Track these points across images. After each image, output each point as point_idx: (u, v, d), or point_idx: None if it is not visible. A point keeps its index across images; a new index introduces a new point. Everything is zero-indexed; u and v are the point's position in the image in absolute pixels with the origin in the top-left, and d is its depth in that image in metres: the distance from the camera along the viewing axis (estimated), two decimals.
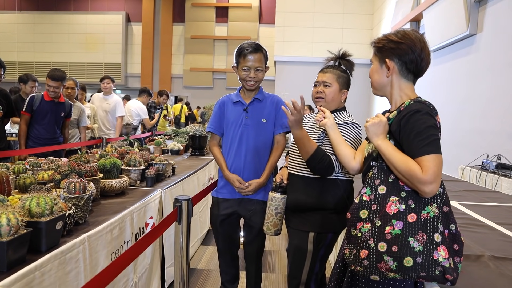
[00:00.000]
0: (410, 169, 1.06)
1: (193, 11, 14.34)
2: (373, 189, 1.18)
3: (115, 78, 5.42)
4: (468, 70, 5.08)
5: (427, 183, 1.03)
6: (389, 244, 1.06)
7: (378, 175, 1.19)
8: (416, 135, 1.09)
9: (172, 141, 4.10)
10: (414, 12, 6.63)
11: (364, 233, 1.13)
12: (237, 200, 1.97)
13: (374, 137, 1.19)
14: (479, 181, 3.57)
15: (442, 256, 1.02)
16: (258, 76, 1.89)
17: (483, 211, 2.03)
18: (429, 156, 1.05)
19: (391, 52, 1.22)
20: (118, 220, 1.68)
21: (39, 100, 3.41)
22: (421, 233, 1.04)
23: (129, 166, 2.31)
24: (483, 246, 1.47)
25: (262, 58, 1.89)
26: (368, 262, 1.09)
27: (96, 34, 14.55)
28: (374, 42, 1.29)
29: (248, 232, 2.04)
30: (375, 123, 1.19)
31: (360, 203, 1.19)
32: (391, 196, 1.12)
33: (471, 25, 4.87)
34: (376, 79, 1.29)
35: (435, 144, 1.07)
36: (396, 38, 1.22)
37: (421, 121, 1.09)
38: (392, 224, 1.07)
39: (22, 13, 14.72)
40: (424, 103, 1.15)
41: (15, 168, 1.95)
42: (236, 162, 1.93)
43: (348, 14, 10.17)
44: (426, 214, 1.07)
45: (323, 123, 1.51)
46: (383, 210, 1.11)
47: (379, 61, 1.27)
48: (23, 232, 1.12)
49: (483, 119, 4.61)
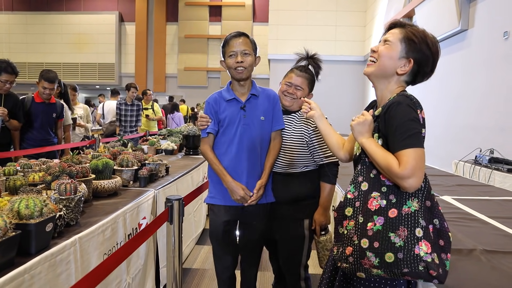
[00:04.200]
0: (388, 163, 1.05)
1: (186, 10, 14.29)
2: (356, 186, 1.18)
3: (108, 79, 5.42)
4: (461, 65, 5.10)
5: (404, 178, 1.02)
6: (371, 240, 1.05)
7: (361, 171, 1.19)
8: (396, 129, 1.07)
9: (166, 141, 4.08)
10: (407, 8, 6.66)
11: (349, 230, 1.14)
12: (239, 207, 1.78)
13: (359, 135, 1.17)
14: (473, 176, 3.60)
15: (424, 251, 1.01)
16: (246, 60, 1.70)
17: (476, 205, 2.04)
18: (407, 150, 1.03)
19: (419, 56, 1.15)
20: (110, 221, 1.66)
21: (29, 102, 3.38)
22: (402, 228, 1.04)
23: (121, 166, 2.30)
24: (475, 240, 1.47)
25: (248, 42, 1.74)
26: (353, 258, 1.09)
27: (89, 34, 14.45)
28: (408, 30, 1.16)
29: (249, 234, 1.87)
30: (360, 122, 1.17)
31: (345, 201, 1.20)
32: (373, 192, 1.12)
33: (463, 20, 4.90)
34: (386, 65, 1.17)
35: (415, 137, 1.05)
36: (431, 44, 1.15)
37: (402, 114, 1.07)
38: (373, 220, 1.07)
39: (14, 13, 14.59)
40: (408, 96, 1.12)
41: (6, 170, 1.93)
42: (236, 164, 1.75)
43: (341, 12, 10.19)
44: (407, 209, 1.06)
45: (310, 114, 1.49)
46: (365, 206, 1.11)
47: (400, 52, 1.16)
48: (12, 234, 1.11)
49: (477, 114, 4.64)
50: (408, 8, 6.59)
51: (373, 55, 1.21)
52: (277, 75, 10.20)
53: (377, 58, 1.19)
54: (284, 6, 10.30)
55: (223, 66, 1.81)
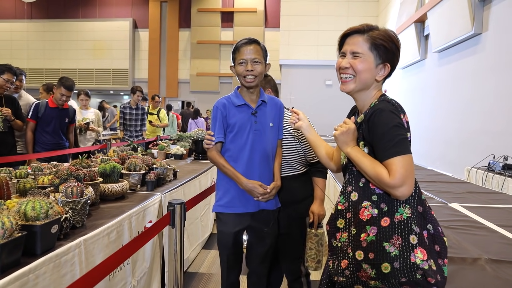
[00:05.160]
0: (377, 174, 1.03)
1: (199, 16, 14.46)
2: (346, 197, 1.16)
3: (122, 84, 5.47)
4: (474, 70, 5.02)
5: (396, 187, 1.00)
6: (365, 251, 1.04)
7: (350, 181, 1.17)
8: (381, 137, 1.05)
9: (175, 146, 4.12)
10: (419, 13, 6.60)
11: (342, 242, 1.12)
12: (250, 214, 1.76)
13: (344, 145, 1.15)
14: (486, 183, 3.52)
15: (420, 258, 0.99)
16: (256, 69, 1.69)
17: (485, 213, 1.99)
18: (395, 159, 1.01)
19: (391, 57, 1.15)
20: (116, 224, 1.69)
21: (44, 107, 3.48)
22: (396, 236, 1.02)
23: (129, 170, 2.34)
24: (481, 248, 1.44)
25: (259, 50, 1.72)
26: (349, 272, 1.07)
27: (104, 40, 14.76)
28: (372, 36, 1.14)
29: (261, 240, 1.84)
30: (343, 132, 1.14)
31: (336, 213, 1.18)
32: (363, 201, 1.10)
33: (476, 24, 4.82)
34: (367, 78, 1.15)
35: (402, 143, 1.03)
36: (396, 41, 1.14)
37: (386, 121, 1.05)
38: (366, 230, 1.05)
39: (33, 21, 15.01)
40: (389, 101, 1.10)
41: (18, 173, 1.99)
42: (248, 171, 1.73)
43: (353, 17, 10.15)
44: (399, 216, 1.04)
45: (298, 125, 1.49)
46: (357, 217, 1.09)
47: (375, 59, 1.14)
48: (18, 235, 1.14)
49: (489, 119, 4.55)
50: (420, 13, 6.53)
51: (347, 72, 1.17)
52: (289, 80, 10.21)
53: (355, 73, 1.16)
54: (296, 11, 10.33)
55: (232, 71, 1.80)
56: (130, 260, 1.83)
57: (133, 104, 5.32)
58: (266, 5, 14.23)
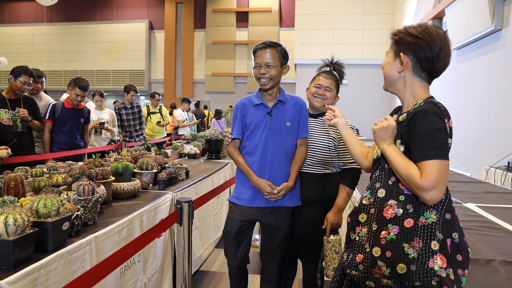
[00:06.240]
0: (409, 173, 1.02)
1: (214, 16, 14.55)
2: (373, 193, 1.15)
3: (138, 85, 5.48)
4: (494, 67, 4.88)
5: (425, 190, 0.98)
6: (383, 249, 1.02)
7: (379, 177, 1.16)
8: (421, 138, 1.03)
9: (189, 145, 4.16)
10: (436, 9, 6.45)
11: (361, 237, 1.11)
12: (261, 208, 1.85)
13: (381, 141, 1.14)
14: (505, 183, 3.41)
15: (438, 265, 0.97)
16: (269, 72, 1.78)
17: (501, 213, 1.94)
18: (431, 162, 0.99)
19: (407, 47, 1.15)
20: (127, 222, 1.72)
21: (60, 108, 3.56)
22: (417, 239, 1.00)
23: (141, 169, 2.37)
24: (495, 250, 1.40)
25: (274, 54, 1.80)
26: (363, 266, 1.06)
27: (120, 42, 15.02)
28: (392, 33, 1.22)
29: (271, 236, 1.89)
30: (383, 127, 1.13)
31: (359, 207, 1.17)
32: (390, 199, 1.08)
33: (496, 20, 4.68)
34: (387, 72, 1.22)
35: (441, 148, 1.01)
36: (416, 32, 1.14)
37: (429, 123, 1.03)
38: (388, 228, 1.04)
39: (53, 24, 15.42)
40: (436, 104, 1.08)
41: (33, 172, 2.05)
42: (260, 169, 1.82)
43: (368, 15, 10.01)
44: (424, 220, 1.03)
45: (333, 122, 1.47)
46: (380, 214, 1.08)
47: (394, 54, 1.20)
48: (30, 231, 1.17)
49: (509, 118, 4.41)
50: (437, 9, 6.39)
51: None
52: (303, 79, 10.15)
53: (382, 67, 1.25)
54: (310, 10, 10.26)
55: (252, 73, 1.92)
56: (141, 257, 1.86)
57: (127, 103, 5.21)
58: (280, 4, 14.19)
